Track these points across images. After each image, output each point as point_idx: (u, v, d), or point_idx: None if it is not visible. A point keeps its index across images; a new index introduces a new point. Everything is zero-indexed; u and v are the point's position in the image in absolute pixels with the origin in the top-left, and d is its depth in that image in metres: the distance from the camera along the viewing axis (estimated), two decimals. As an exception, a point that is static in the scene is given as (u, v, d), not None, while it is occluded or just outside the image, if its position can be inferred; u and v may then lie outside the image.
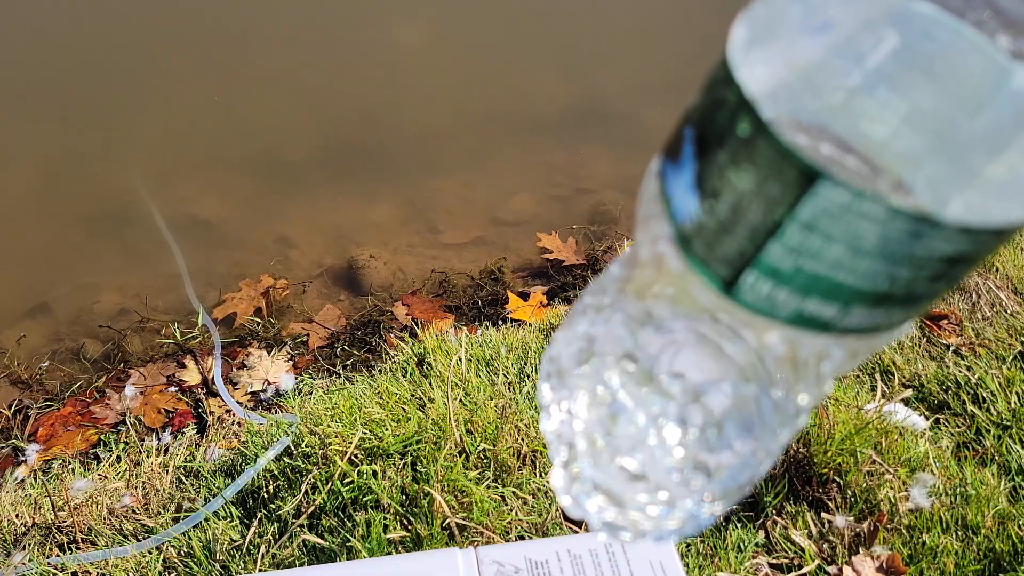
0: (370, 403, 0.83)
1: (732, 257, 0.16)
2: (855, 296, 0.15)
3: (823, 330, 0.16)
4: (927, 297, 0.16)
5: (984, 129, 0.13)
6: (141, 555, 0.73)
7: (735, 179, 0.15)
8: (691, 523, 0.23)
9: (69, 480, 0.86)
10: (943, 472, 0.78)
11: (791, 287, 0.15)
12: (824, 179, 0.14)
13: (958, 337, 0.98)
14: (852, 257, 0.14)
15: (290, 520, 0.73)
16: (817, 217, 0.14)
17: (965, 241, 0.14)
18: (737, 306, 0.16)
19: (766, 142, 0.14)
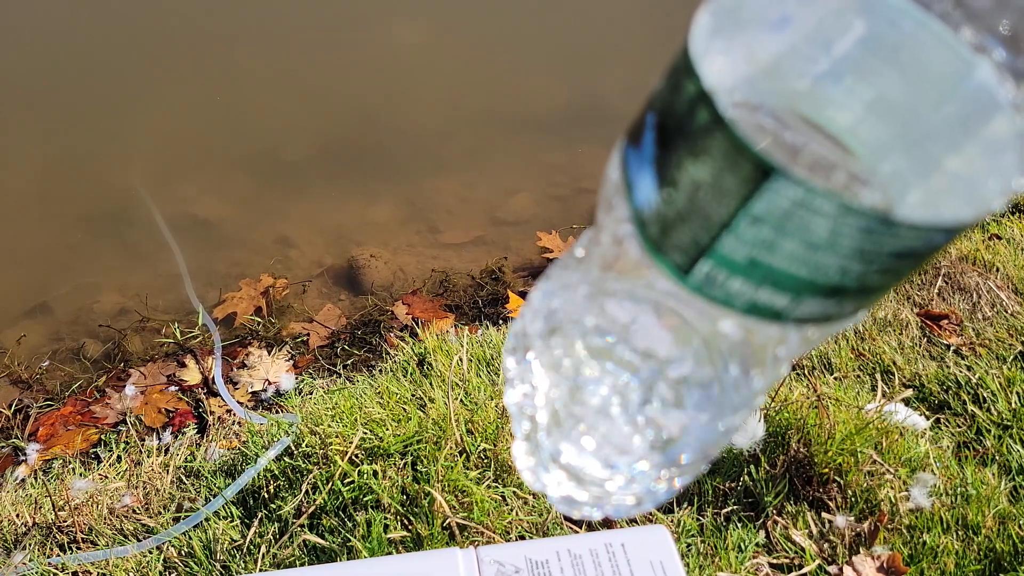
0: (371, 403, 0.83)
1: (687, 246, 0.16)
2: (807, 288, 0.15)
3: (776, 319, 0.16)
4: (878, 289, 0.16)
5: (946, 121, 0.13)
6: (142, 555, 0.73)
7: (692, 169, 0.15)
8: (649, 498, 0.23)
9: (70, 480, 0.85)
10: (944, 472, 0.78)
11: (744, 277, 0.15)
12: (778, 174, 0.14)
13: (959, 337, 0.97)
14: (804, 251, 0.15)
15: (290, 520, 0.73)
16: (770, 211, 0.14)
17: (915, 238, 0.14)
18: (692, 294, 0.16)
19: (723, 135, 0.14)
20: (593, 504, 0.24)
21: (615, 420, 0.21)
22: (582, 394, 0.21)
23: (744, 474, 0.77)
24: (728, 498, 0.76)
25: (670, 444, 0.21)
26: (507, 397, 0.25)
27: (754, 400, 0.21)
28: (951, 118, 0.13)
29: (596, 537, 0.50)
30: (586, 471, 0.22)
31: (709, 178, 0.15)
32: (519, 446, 0.25)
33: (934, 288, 1.05)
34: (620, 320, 0.19)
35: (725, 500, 0.76)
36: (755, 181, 0.14)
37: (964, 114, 0.13)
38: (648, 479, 0.22)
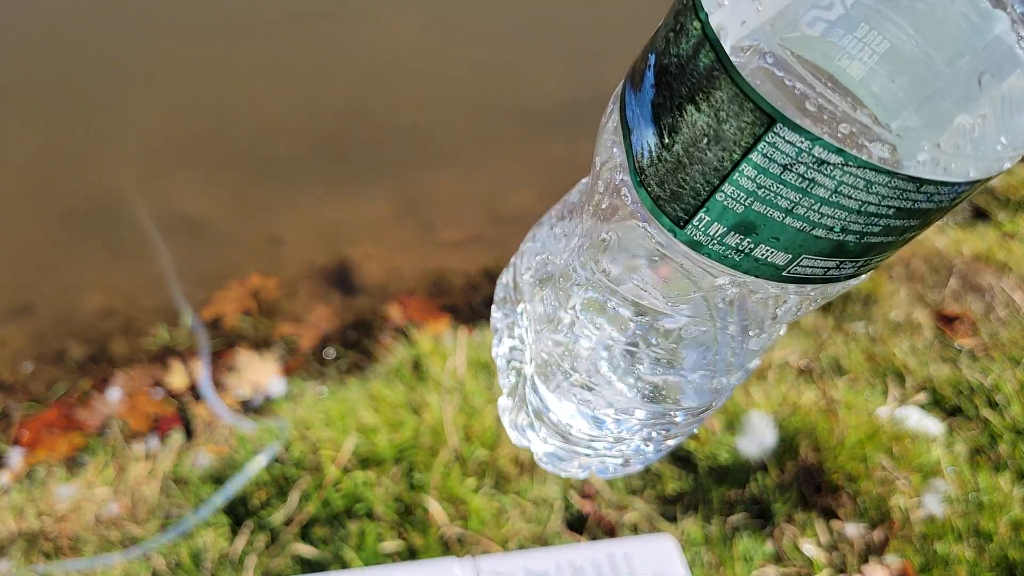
0: (363, 408, 0.81)
1: (684, 196, 0.15)
2: (807, 245, 0.15)
3: (774, 278, 0.16)
4: (881, 250, 0.16)
5: (960, 76, 0.13)
6: (128, 563, 0.71)
7: (693, 115, 0.15)
8: (637, 458, 0.23)
9: (54, 486, 0.83)
10: (956, 478, 0.76)
11: (742, 233, 0.15)
12: (783, 123, 0.13)
13: (972, 339, 0.96)
14: (806, 205, 0.14)
15: (281, 529, 0.71)
16: (773, 161, 0.14)
17: (921, 195, 0.14)
18: (687, 249, 0.16)
19: (726, 80, 0.14)
20: (579, 463, 0.23)
21: (606, 375, 0.20)
22: (572, 348, 0.20)
23: (752, 482, 0.75)
24: (735, 507, 0.74)
25: (662, 402, 0.20)
26: (494, 350, 0.24)
27: (749, 360, 0.20)
28: (966, 73, 0.13)
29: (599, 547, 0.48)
30: (573, 428, 0.21)
31: (710, 125, 0.14)
32: (504, 401, 0.24)
33: (946, 288, 1.03)
34: (614, 272, 0.19)
35: (732, 509, 0.74)
36: (758, 129, 0.14)
37: (979, 69, 0.13)
38: (637, 438, 0.21)
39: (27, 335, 1.10)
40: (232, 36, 1.63)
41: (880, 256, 0.16)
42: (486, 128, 1.51)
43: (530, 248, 0.23)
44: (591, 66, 1.62)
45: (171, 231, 1.23)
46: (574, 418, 0.21)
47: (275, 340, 1.07)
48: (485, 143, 1.47)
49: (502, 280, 0.25)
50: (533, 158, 1.44)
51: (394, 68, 1.60)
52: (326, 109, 1.49)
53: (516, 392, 0.23)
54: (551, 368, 0.21)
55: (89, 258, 1.21)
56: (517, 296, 0.23)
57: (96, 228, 1.26)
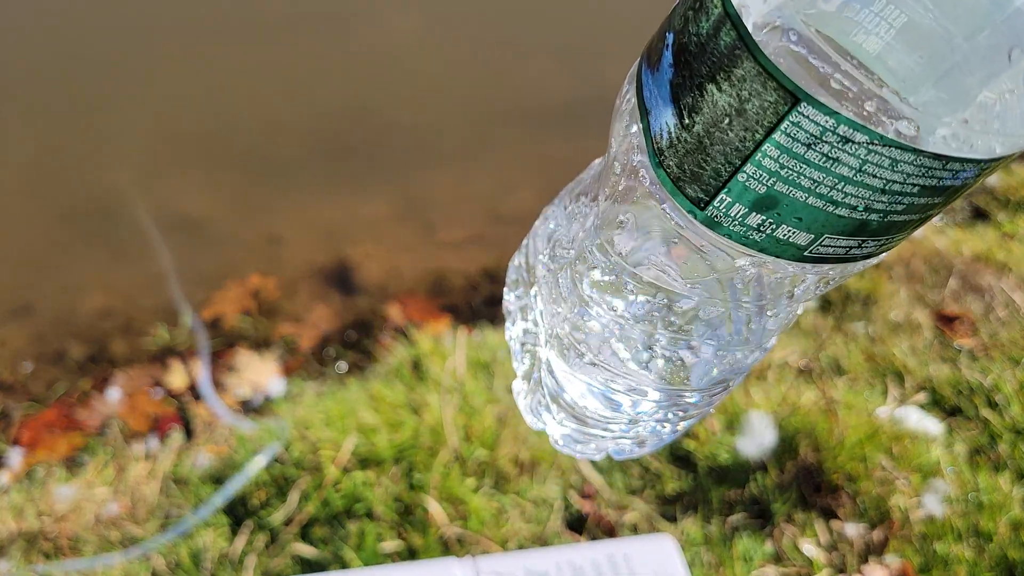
0: (363, 408, 0.81)
1: (706, 178, 0.15)
2: (830, 224, 0.15)
3: (795, 258, 0.16)
4: (902, 228, 0.15)
5: (980, 50, 0.13)
6: (128, 563, 0.71)
7: (714, 95, 0.14)
8: (653, 440, 0.22)
9: (54, 486, 0.83)
10: (956, 478, 0.76)
11: (765, 213, 0.15)
12: (807, 102, 0.13)
13: (972, 339, 0.96)
14: (830, 184, 0.14)
15: (280, 529, 0.71)
16: (796, 141, 0.14)
17: (945, 172, 0.14)
18: (708, 230, 0.16)
19: (749, 58, 0.14)
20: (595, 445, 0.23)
21: (620, 356, 0.20)
22: (587, 329, 0.20)
23: (751, 482, 0.75)
24: (735, 507, 0.74)
25: (677, 382, 0.20)
26: (508, 332, 0.24)
27: (767, 340, 0.20)
28: (986, 47, 0.13)
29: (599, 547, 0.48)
30: (589, 410, 0.21)
31: (732, 104, 0.14)
32: (519, 384, 0.24)
33: (946, 288, 1.03)
34: (629, 254, 0.18)
35: (732, 509, 0.74)
36: (782, 108, 0.13)
37: (1000, 44, 0.13)
38: (653, 420, 0.21)
39: (27, 335, 1.10)
40: (232, 36, 1.63)
41: (902, 234, 0.16)
42: (486, 128, 1.51)
43: (544, 229, 0.23)
44: (592, 66, 1.62)
45: (171, 231, 1.23)
46: (589, 399, 0.21)
47: (275, 340, 1.07)
48: (485, 143, 1.47)
49: (514, 262, 0.25)
50: (533, 158, 1.44)
51: (394, 68, 1.59)
52: (326, 109, 1.49)
53: (531, 375, 0.23)
54: (566, 349, 0.21)
55: (89, 258, 1.21)
56: (531, 278, 0.23)
57: (96, 228, 1.26)
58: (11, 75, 1.52)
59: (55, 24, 1.63)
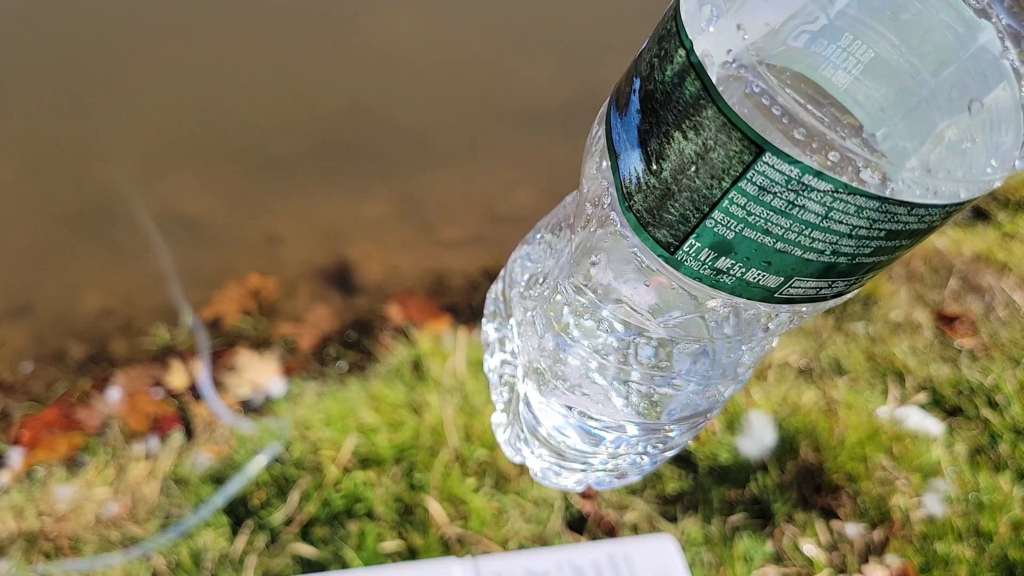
0: (363, 408, 0.81)
1: (674, 223, 0.15)
2: (798, 267, 0.15)
3: (766, 300, 0.16)
4: (872, 268, 0.16)
5: (945, 87, 0.13)
6: (128, 563, 0.71)
7: (680, 142, 0.14)
8: (634, 471, 0.22)
9: (54, 486, 0.83)
10: (957, 478, 0.76)
11: (733, 257, 0.15)
12: (771, 151, 0.13)
13: (972, 339, 0.96)
14: (797, 230, 0.14)
15: (281, 530, 0.71)
16: (762, 188, 0.14)
17: (911, 217, 0.14)
18: (677, 272, 0.16)
19: (713, 108, 0.14)
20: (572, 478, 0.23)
21: (600, 388, 0.20)
22: (566, 362, 0.20)
23: (752, 482, 0.75)
24: (735, 507, 0.74)
25: (654, 416, 0.20)
26: (487, 363, 0.24)
27: (743, 372, 0.20)
28: (951, 84, 0.13)
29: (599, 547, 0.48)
30: (567, 444, 0.21)
31: (698, 153, 0.14)
32: (498, 416, 0.24)
33: (946, 288, 1.03)
34: (606, 285, 0.19)
35: (732, 509, 0.74)
36: (747, 157, 0.14)
37: (964, 80, 0.13)
38: (633, 452, 0.21)
39: (27, 335, 1.10)
40: (232, 36, 1.63)
41: (871, 274, 0.16)
42: (486, 128, 1.51)
43: (520, 261, 0.23)
44: (591, 66, 1.62)
45: (171, 231, 1.23)
46: (567, 433, 0.21)
47: (275, 340, 1.07)
48: (485, 143, 1.47)
49: (492, 294, 0.25)
50: (533, 158, 1.44)
51: (394, 68, 1.59)
52: (326, 109, 1.49)
53: (510, 408, 0.23)
54: (543, 383, 0.21)
55: (89, 258, 1.21)
56: (508, 310, 0.23)
57: (96, 228, 1.26)
58: (11, 75, 1.52)
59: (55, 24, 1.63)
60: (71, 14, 1.63)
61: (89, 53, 1.55)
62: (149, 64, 1.55)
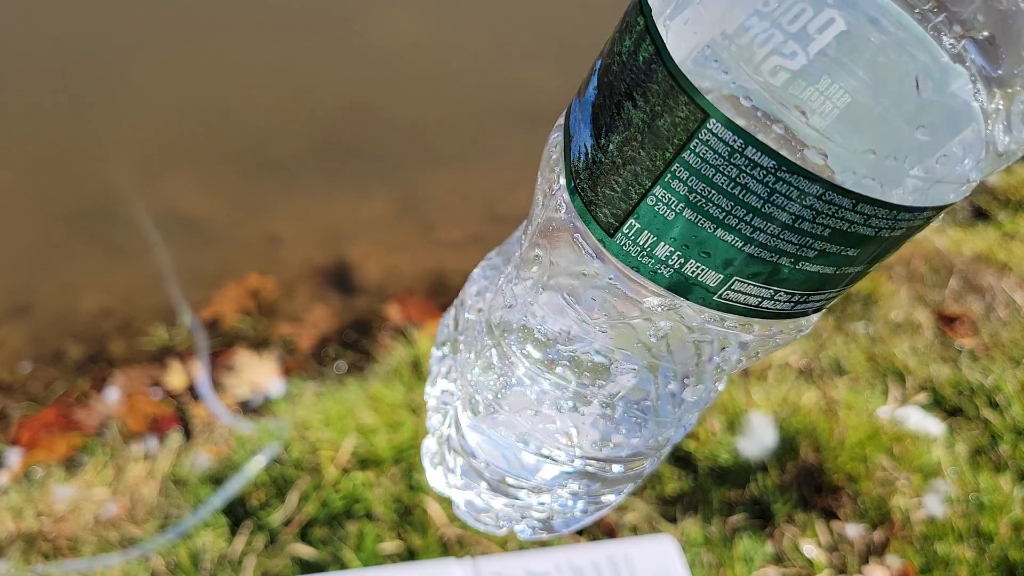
0: (362, 408, 0.81)
1: (616, 200, 0.15)
2: (739, 263, 0.14)
3: (705, 302, 0.15)
4: (817, 285, 0.15)
5: (919, 135, 0.13)
6: (127, 564, 0.71)
7: (629, 111, 0.14)
8: (561, 518, 0.22)
9: (53, 487, 0.83)
10: (957, 479, 0.76)
11: (673, 242, 0.14)
12: (716, 117, 0.13)
13: (972, 339, 0.96)
14: (738, 214, 0.14)
15: (280, 530, 0.71)
16: (705, 160, 0.13)
17: (855, 216, 0.13)
18: (617, 259, 0.15)
19: (663, 72, 0.13)
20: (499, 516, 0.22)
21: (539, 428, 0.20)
22: (508, 397, 0.20)
23: (752, 482, 0.75)
24: (735, 507, 0.74)
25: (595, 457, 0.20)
26: (428, 390, 0.24)
27: (686, 414, 0.20)
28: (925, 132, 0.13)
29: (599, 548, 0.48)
30: (497, 473, 0.21)
31: (644, 121, 0.14)
32: (429, 442, 0.23)
33: (947, 288, 1.03)
34: (555, 324, 0.18)
35: (732, 509, 0.74)
36: (692, 124, 0.13)
37: (936, 128, 0.13)
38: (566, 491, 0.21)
39: (25, 335, 1.10)
40: (231, 36, 1.63)
41: (818, 294, 0.15)
42: (486, 128, 1.51)
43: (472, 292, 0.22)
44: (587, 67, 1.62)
45: (169, 231, 1.23)
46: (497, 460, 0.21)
47: (274, 340, 1.07)
48: (485, 143, 1.47)
49: (445, 320, 0.24)
50: (533, 158, 1.43)
51: (394, 67, 1.59)
52: (326, 108, 1.49)
53: (443, 436, 0.23)
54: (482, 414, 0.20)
55: (87, 258, 1.21)
56: (457, 338, 0.22)
57: (95, 228, 1.26)
58: (11, 75, 1.52)
59: (53, 24, 1.63)
60: (71, 14, 1.63)
61: (89, 53, 1.55)
62: (149, 64, 1.55)
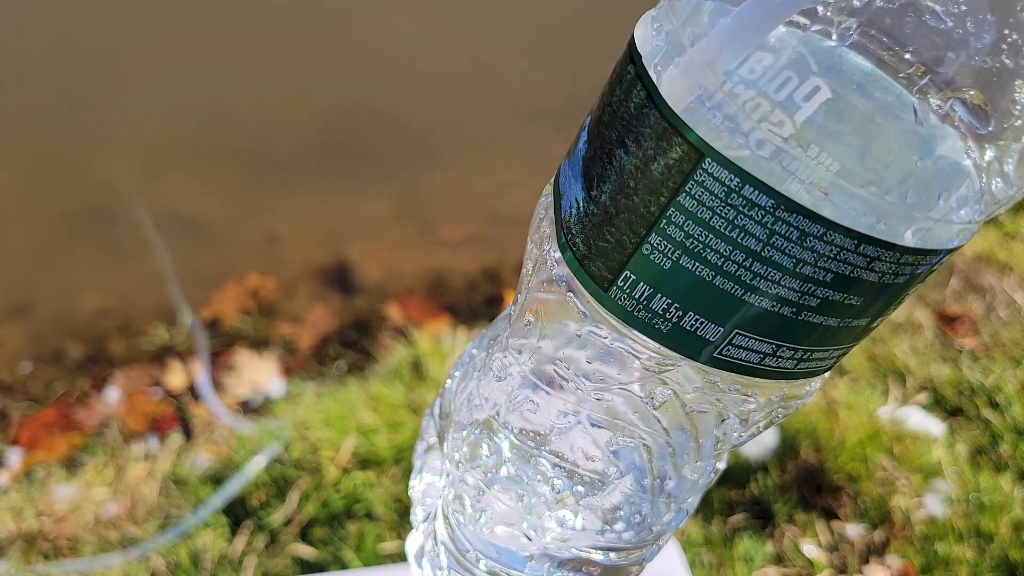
0: (363, 408, 0.81)
1: (610, 252, 0.14)
2: (740, 315, 0.14)
3: (705, 359, 0.14)
4: (820, 339, 0.14)
5: (910, 196, 0.13)
6: (127, 564, 0.71)
7: (621, 159, 0.14)
8: None
9: (53, 487, 0.83)
10: (958, 479, 0.76)
11: (670, 293, 0.14)
12: (711, 156, 0.13)
13: (973, 339, 0.96)
14: (737, 259, 0.13)
15: (280, 530, 0.71)
16: (701, 203, 0.13)
17: (858, 259, 0.13)
18: (612, 315, 0.15)
19: (655, 112, 0.13)
20: None
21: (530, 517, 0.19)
22: (496, 485, 0.19)
23: (752, 482, 0.75)
24: (736, 507, 0.74)
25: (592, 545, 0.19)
26: (411, 482, 0.23)
27: (686, 496, 0.19)
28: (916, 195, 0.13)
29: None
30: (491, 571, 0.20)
31: (638, 166, 0.14)
32: (415, 538, 0.23)
33: (947, 288, 1.03)
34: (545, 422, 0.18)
35: (733, 509, 0.74)
36: (686, 166, 0.13)
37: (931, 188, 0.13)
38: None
39: (25, 335, 1.10)
40: (231, 35, 1.63)
41: (821, 351, 0.15)
42: (486, 128, 1.51)
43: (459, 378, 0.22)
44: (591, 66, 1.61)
45: (169, 231, 1.23)
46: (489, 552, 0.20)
47: (274, 340, 1.07)
48: (485, 143, 1.47)
49: (430, 411, 0.24)
50: (533, 158, 1.44)
51: (394, 67, 1.59)
52: (325, 108, 1.49)
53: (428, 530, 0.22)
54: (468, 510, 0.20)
55: (87, 258, 1.21)
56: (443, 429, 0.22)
57: (95, 228, 1.26)
58: (10, 75, 1.52)
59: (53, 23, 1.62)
60: (71, 14, 1.63)
61: (89, 53, 1.54)
62: (149, 64, 1.54)
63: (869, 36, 0.12)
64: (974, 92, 0.12)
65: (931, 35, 0.12)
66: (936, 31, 0.12)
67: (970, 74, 0.12)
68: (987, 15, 0.12)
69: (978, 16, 0.12)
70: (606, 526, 0.19)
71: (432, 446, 0.23)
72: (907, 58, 0.12)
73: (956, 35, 0.12)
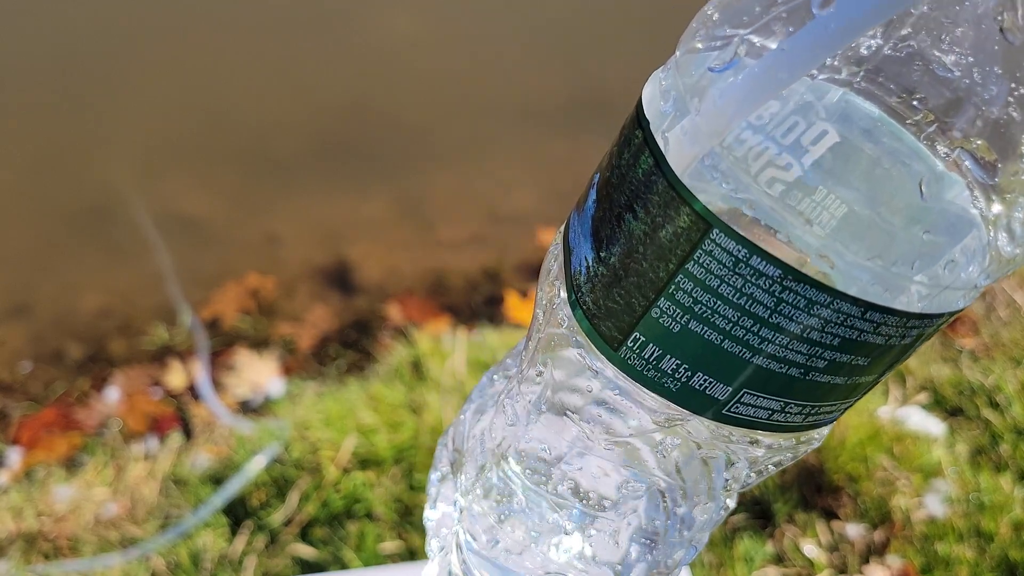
0: (363, 408, 0.81)
1: (619, 313, 0.14)
2: (748, 376, 0.14)
3: (714, 415, 0.15)
4: (828, 397, 0.14)
5: (916, 242, 0.13)
6: (127, 564, 0.71)
7: (630, 223, 0.14)
8: None
9: (53, 487, 0.83)
10: (958, 479, 0.76)
11: (679, 355, 0.14)
12: (718, 228, 0.13)
13: (973, 339, 0.96)
14: (744, 324, 0.13)
15: (280, 530, 0.71)
16: (709, 271, 0.13)
17: (865, 324, 0.13)
18: (623, 374, 0.15)
19: (663, 181, 0.13)
20: None
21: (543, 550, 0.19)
22: (509, 520, 0.19)
23: (752, 482, 0.75)
24: (736, 507, 0.74)
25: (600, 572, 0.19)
26: (426, 513, 0.24)
27: (697, 536, 0.19)
28: (920, 239, 0.13)
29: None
30: None
31: (646, 232, 0.14)
32: (431, 568, 0.23)
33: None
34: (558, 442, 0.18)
35: (733, 510, 0.74)
36: (694, 235, 0.13)
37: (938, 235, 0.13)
38: None
39: (25, 335, 1.10)
40: (230, 35, 1.63)
41: (829, 406, 0.15)
42: (486, 128, 1.51)
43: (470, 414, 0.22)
44: (591, 66, 1.62)
45: (169, 230, 1.23)
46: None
47: (274, 340, 1.07)
48: (485, 143, 1.47)
49: (444, 440, 0.24)
50: (533, 158, 1.44)
51: (394, 67, 1.59)
52: (325, 108, 1.49)
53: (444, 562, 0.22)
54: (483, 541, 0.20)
55: (87, 258, 1.21)
56: (457, 463, 0.22)
57: (94, 228, 1.26)
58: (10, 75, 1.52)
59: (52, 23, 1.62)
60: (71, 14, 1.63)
61: (89, 53, 1.54)
62: (149, 64, 1.54)
63: (877, 83, 0.12)
64: (981, 142, 0.12)
65: (939, 85, 0.12)
66: (943, 81, 0.12)
67: (978, 124, 0.12)
68: (995, 68, 0.12)
69: (985, 68, 0.12)
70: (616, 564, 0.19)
71: (446, 476, 0.23)
72: (915, 105, 0.12)
73: (963, 85, 0.12)
